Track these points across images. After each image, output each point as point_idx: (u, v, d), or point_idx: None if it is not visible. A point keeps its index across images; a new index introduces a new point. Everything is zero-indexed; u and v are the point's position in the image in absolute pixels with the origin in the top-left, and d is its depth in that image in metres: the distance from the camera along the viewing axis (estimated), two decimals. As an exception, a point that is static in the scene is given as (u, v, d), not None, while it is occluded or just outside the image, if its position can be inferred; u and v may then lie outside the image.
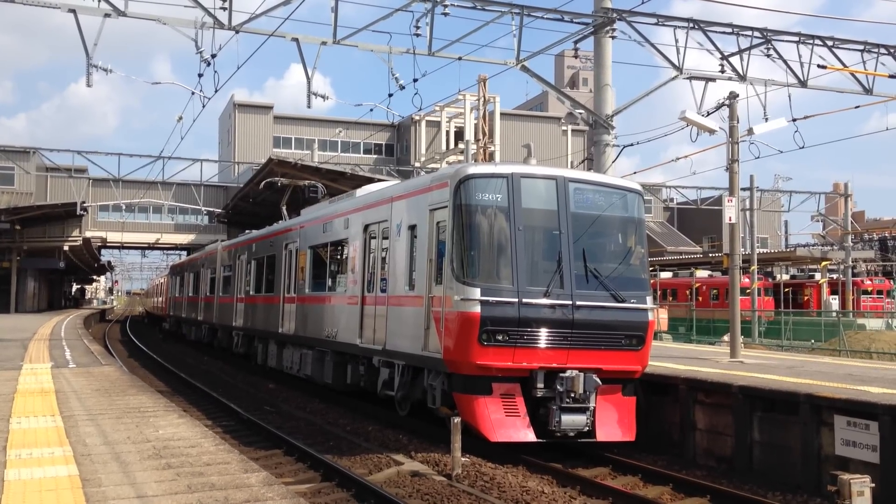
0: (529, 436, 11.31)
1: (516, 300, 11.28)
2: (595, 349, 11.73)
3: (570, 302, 11.57)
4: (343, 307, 15.89)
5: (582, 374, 11.41)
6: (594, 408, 11.62)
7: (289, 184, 28.39)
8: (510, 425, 11.29)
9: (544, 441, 11.47)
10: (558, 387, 11.39)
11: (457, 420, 10.55)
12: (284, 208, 27.39)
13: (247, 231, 27.89)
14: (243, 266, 25.39)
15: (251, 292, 24.17)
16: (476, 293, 11.19)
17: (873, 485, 8.34)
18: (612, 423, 11.87)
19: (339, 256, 16.93)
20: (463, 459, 10.61)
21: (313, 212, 19.68)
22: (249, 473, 7.00)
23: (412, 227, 13.02)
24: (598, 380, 11.62)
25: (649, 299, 12.38)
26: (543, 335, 11.43)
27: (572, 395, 11.37)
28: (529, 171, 12.25)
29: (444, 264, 11.80)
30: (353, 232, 15.66)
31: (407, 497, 9.43)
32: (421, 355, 12.34)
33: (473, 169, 11.98)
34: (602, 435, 11.69)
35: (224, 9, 17.29)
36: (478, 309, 11.12)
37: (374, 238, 14.72)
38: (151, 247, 67.84)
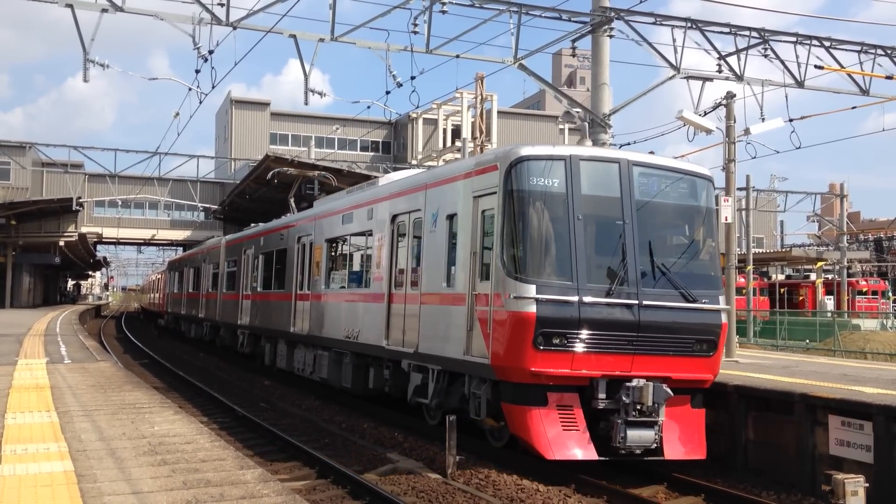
0: (590, 453, 10.04)
1: (576, 299, 10.11)
2: (663, 355, 10.53)
3: (636, 301, 10.37)
4: (366, 305, 14.68)
5: (651, 384, 10.14)
6: (662, 422, 10.37)
7: (297, 174, 27.27)
8: (568, 441, 10.01)
9: (606, 459, 10.20)
10: (623, 398, 10.17)
11: (452, 418, 10.53)
12: (292, 200, 26.06)
13: (252, 224, 26.79)
14: (250, 261, 24.07)
15: (259, 289, 22.90)
16: (531, 291, 10.02)
17: (867, 484, 8.38)
18: (682, 438, 10.63)
19: (361, 250, 15.77)
20: (458, 457, 10.61)
21: (329, 202, 18.41)
22: (245, 470, 7.00)
23: (451, 217, 11.85)
24: (668, 390, 10.34)
25: (722, 299, 11.19)
26: (606, 339, 10.23)
27: (639, 407, 10.12)
28: (590, 152, 11.08)
29: (491, 258, 10.64)
30: (379, 223, 14.42)
31: (402, 494, 9.44)
32: (462, 360, 11.11)
33: (527, 150, 10.64)
34: (671, 452, 10.44)
35: (222, 5, 17.25)
36: (533, 309, 9.95)
37: (404, 229, 13.53)
38: (147, 243, 67.71)
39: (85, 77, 17.64)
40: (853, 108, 22.61)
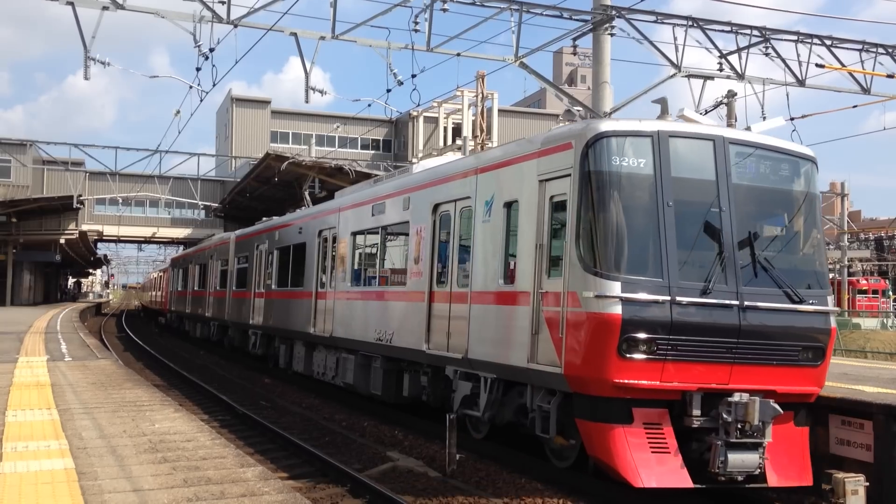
0: (684, 480, 8.68)
1: (667, 298, 8.75)
2: (765, 365, 9.15)
3: (737, 302, 9.01)
4: (402, 305, 13.35)
5: (757, 399, 8.74)
6: (767, 443, 8.95)
7: (313, 165, 26.64)
8: (659, 465, 8.68)
9: (702, 487, 8.91)
10: (724, 415, 8.79)
11: (452, 416, 10.51)
12: (307, 193, 25.17)
13: (264, 218, 25.60)
14: (263, 257, 22.65)
15: (273, 286, 21.49)
16: (615, 288, 8.68)
17: (867, 483, 8.38)
18: (787, 462, 9.24)
19: (394, 244, 14.58)
20: (459, 456, 10.62)
21: (355, 192, 16.97)
22: (245, 468, 7.01)
23: (510, 205, 10.53)
24: (777, 407, 8.91)
25: (830, 299, 9.78)
26: (701, 346, 8.87)
27: (742, 425, 8.74)
28: (680, 128, 9.63)
29: (565, 251, 9.28)
30: (417, 213, 13.09)
31: (402, 493, 9.44)
32: (525, 368, 9.78)
33: (608, 125, 9.31)
34: (776, 478, 9.07)
35: (223, 2, 17.27)
36: (618, 309, 8.62)
37: (448, 220, 12.18)
38: (148, 241, 67.77)
39: (86, 75, 17.65)
40: (854, 106, 22.61)
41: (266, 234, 22.72)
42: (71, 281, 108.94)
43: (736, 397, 8.80)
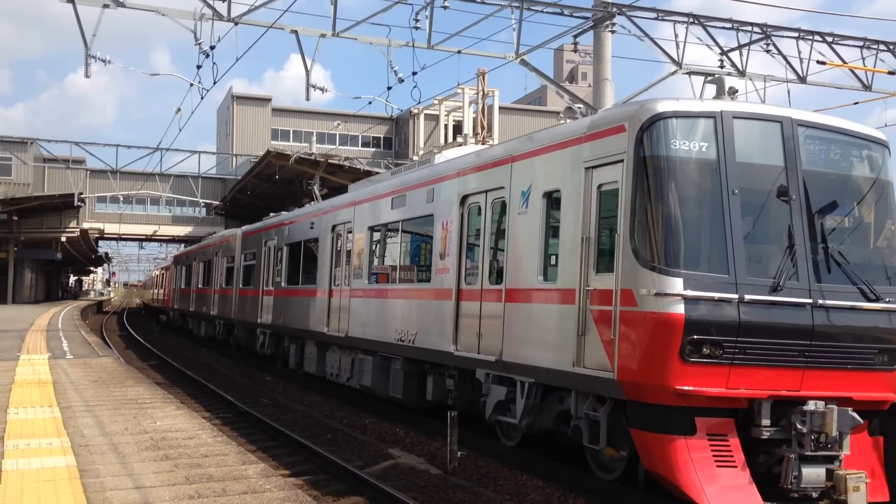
0: (754, 498, 7.89)
1: (734, 296, 8.01)
2: (840, 369, 8.38)
3: (810, 300, 8.25)
4: (426, 303, 12.58)
5: (835, 408, 7.97)
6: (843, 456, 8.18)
7: (323, 159, 26.14)
8: (726, 481, 7.88)
9: None
10: (798, 425, 8.03)
11: (454, 413, 10.50)
12: (316, 188, 24.24)
13: (272, 214, 24.70)
14: (272, 253, 21.74)
15: (283, 284, 20.55)
16: (677, 286, 7.92)
17: (869, 480, 8.37)
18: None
19: (417, 238, 13.72)
20: (460, 453, 10.62)
21: (370, 185, 16.07)
22: (247, 465, 7.02)
23: (550, 195, 9.72)
24: (856, 416, 8.13)
25: None
26: (771, 349, 8.13)
27: (818, 436, 7.98)
28: (745, 108, 8.87)
29: (617, 245, 8.47)
30: (443, 206, 12.27)
31: (403, 490, 9.44)
32: (569, 373, 9.02)
33: (666, 105, 8.47)
34: None
35: (223, 0, 17.28)
36: (680, 309, 7.87)
37: (479, 212, 11.40)
38: (149, 239, 67.84)
39: (86, 73, 17.66)
40: (855, 103, 22.63)
41: (275, 230, 21.82)
42: (72, 279, 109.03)
43: (811, 405, 8.00)
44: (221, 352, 28.37)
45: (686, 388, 7.90)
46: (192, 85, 19.86)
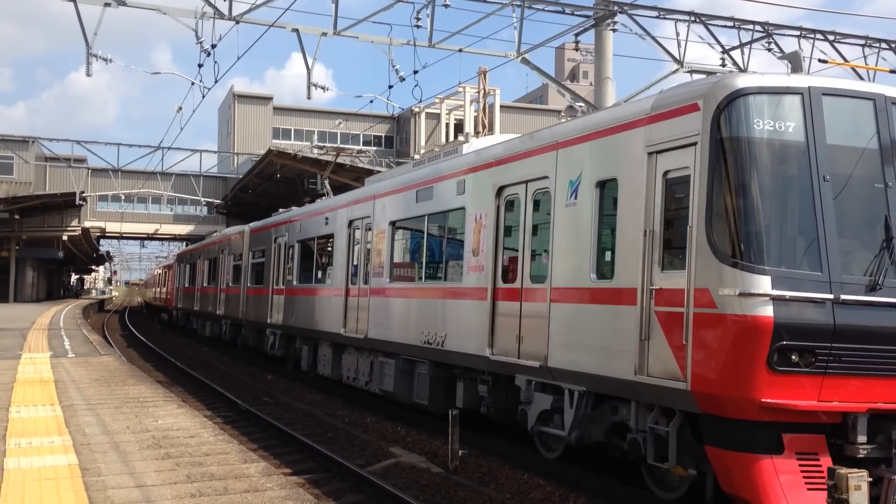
0: None
1: (829, 296, 7.15)
2: None
3: None
4: (456, 304, 11.73)
5: None
6: None
7: (335, 152, 25.51)
8: None
9: None
10: None
11: (455, 412, 10.49)
12: (327, 182, 23.58)
13: (280, 210, 24.06)
14: (282, 250, 20.79)
15: (295, 282, 19.62)
16: (764, 284, 7.06)
17: (870, 479, 8.37)
18: None
19: (446, 234, 12.82)
20: (461, 451, 10.63)
21: (392, 177, 15.03)
22: (248, 464, 7.02)
23: (604, 184, 8.86)
24: None
25: None
26: (869, 356, 7.25)
27: None
28: (833, 84, 7.92)
29: (690, 238, 7.58)
30: (476, 198, 11.40)
31: (404, 488, 9.44)
32: (631, 381, 8.12)
33: (747, 79, 7.66)
34: None
35: (224, -1, 17.28)
36: (769, 311, 7.00)
37: (518, 204, 10.48)
38: (150, 237, 67.89)
39: (88, 71, 17.68)
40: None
41: (286, 226, 20.82)
42: (74, 278, 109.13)
43: None
44: (223, 350, 28.38)
45: (773, 400, 7.03)
46: (193, 84, 19.88)
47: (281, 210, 23.91)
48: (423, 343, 12.45)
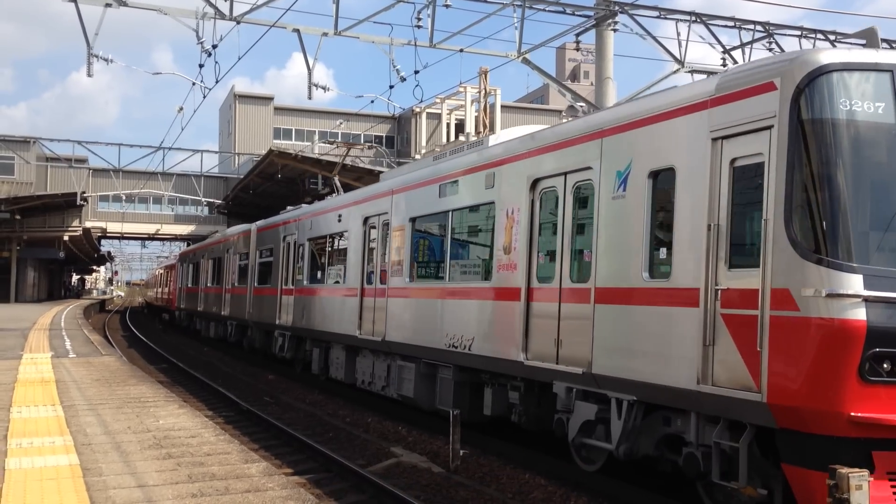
0: None
1: None
2: None
3: None
4: (485, 305, 11.01)
5: None
6: None
7: (346, 148, 24.74)
8: None
9: None
10: None
11: (456, 412, 10.48)
12: (337, 179, 22.84)
13: (289, 207, 23.40)
14: (292, 249, 20.06)
15: (305, 282, 18.88)
16: (855, 284, 6.40)
17: (872, 479, 8.36)
18: None
19: (472, 230, 12.14)
20: (462, 451, 10.63)
21: (410, 172, 14.28)
22: (249, 464, 7.03)
23: (658, 174, 8.13)
24: None
25: None
26: None
27: None
28: None
29: (765, 233, 6.87)
30: (507, 192, 10.64)
31: (405, 489, 9.44)
32: (692, 391, 7.38)
33: (829, 55, 6.97)
34: None
35: (225, -1, 17.30)
36: (861, 314, 6.35)
37: (555, 198, 9.75)
38: (151, 237, 67.95)
39: (89, 72, 17.70)
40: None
41: (295, 224, 20.00)
42: (75, 278, 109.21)
43: None
44: (224, 351, 28.39)
45: (864, 414, 6.37)
46: (194, 84, 19.91)
47: (289, 207, 23.18)
48: (447, 346, 11.77)
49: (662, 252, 8.08)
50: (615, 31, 18.83)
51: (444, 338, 11.85)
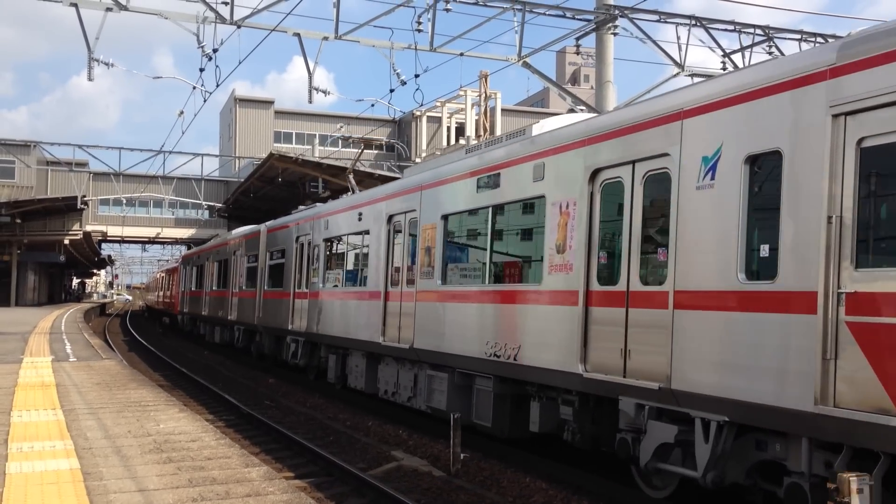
0: None
1: None
2: None
3: None
4: (534, 309, 9.94)
5: None
6: None
7: (365, 142, 23.96)
8: None
9: None
10: None
11: (457, 415, 10.47)
12: (351, 177, 21.88)
13: (301, 207, 22.66)
14: (306, 250, 19.09)
15: (321, 285, 17.82)
16: None
17: (872, 482, 8.36)
18: None
19: (517, 227, 11.14)
20: (463, 455, 10.62)
21: (441, 165, 13.08)
22: (250, 468, 7.02)
23: (757, 159, 7.08)
24: None
25: None
26: None
27: None
28: None
29: None
30: (561, 185, 9.61)
31: (406, 492, 9.44)
32: (809, 413, 6.36)
33: None
34: None
35: (226, 3, 17.36)
36: None
37: (619, 190, 8.67)
38: (152, 241, 67.98)
39: (89, 76, 17.74)
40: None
41: (310, 223, 18.92)
42: (75, 281, 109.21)
43: None
44: (224, 354, 28.37)
45: None
46: (194, 88, 19.95)
47: (301, 207, 22.46)
48: (487, 356, 10.75)
49: (764, 249, 6.98)
50: (615, 34, 18.86)
51: (484, 346, 10.85)
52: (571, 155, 9.45)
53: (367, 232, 15.29)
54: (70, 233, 52.44)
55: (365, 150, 23.33)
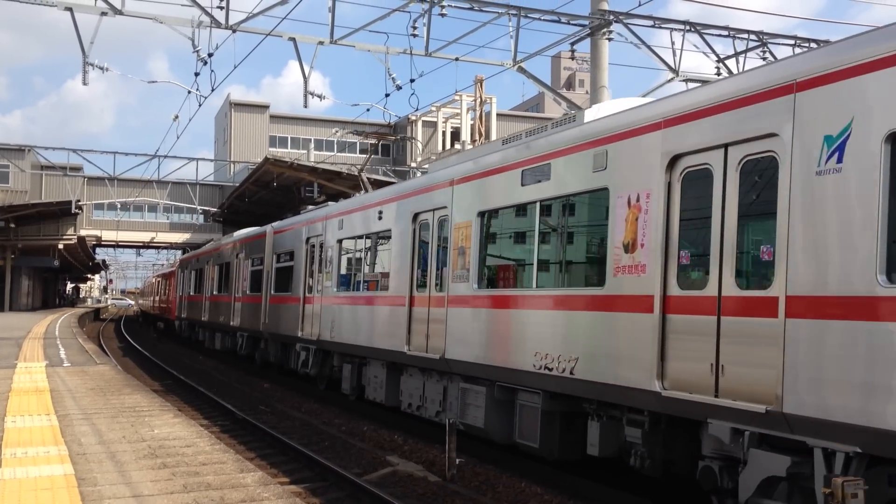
0: None
1: None
2: None
3: None
4: (595, 317, 8.74)
5: None
6: None
7: (379, 138, 23.12)
8: None
9: None
10: None
11: (452, 420, 10.47)
12: (363, 175, 21.01)
13: (310, 207, 21.88)
14: (317, 252, 17.90)
15: (334, 289, 16.61)
16: None
17: (867, 487, 8.38)
18: None
19: (572, 224, 9.79)
20: (458, 460, 10.62)
21: (474, 158, 11.88)
22: (245, 473, 7.01)
23: None
24: None
25: None
26: None
27: None
28: None
29: None
30: (627, 175, 8.41)
31: (401, 497, 9.43)
32: None
33: None
34: None
35: (221, 8, 17.35)
36: None
37: (707, 179, 7.46)
38: (146, 245, 67.84)
39: (84, 80, 17.72)
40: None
41: (322, 223, 17.78)
42: (69, 286, 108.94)
43: None
44: (219, 359, 28.32)
45: None
46: (189, 92, 19.94)
47: (310, 207, 21.65)
48: (537, 368, 9.56)
49: None
50: (610, 40, 18.90)
51: (532, 357, 9.66)
52: (644, 140, 8.21)
53: (388, 231, 14.10)
54: (64, 237, 52.31)
55: (360, 154, 23.24)
